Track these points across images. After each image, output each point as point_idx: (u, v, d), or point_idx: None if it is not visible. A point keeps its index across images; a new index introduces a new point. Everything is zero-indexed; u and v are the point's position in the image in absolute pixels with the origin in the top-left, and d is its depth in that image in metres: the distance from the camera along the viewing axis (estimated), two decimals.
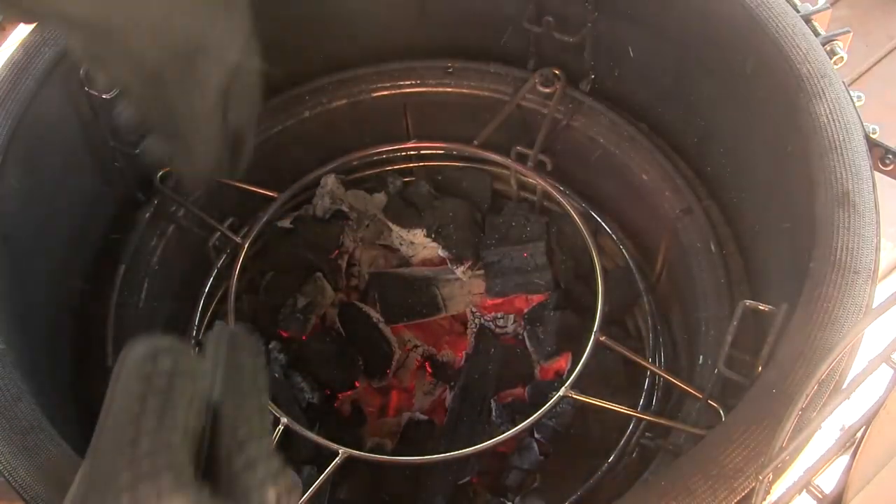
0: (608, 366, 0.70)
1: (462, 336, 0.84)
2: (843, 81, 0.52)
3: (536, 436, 0.70)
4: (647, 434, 0.63)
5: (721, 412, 0.54)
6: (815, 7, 0.57)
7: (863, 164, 0.49)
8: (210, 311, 0.75)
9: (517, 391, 0.76)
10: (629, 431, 0.64)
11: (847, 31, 0.56)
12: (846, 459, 0.40)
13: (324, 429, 0.71)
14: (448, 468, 0.67)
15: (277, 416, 0.62)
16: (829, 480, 0.39)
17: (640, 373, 0.69)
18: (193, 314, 0.72)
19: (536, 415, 0.61)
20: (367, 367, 0.77)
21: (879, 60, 1.25)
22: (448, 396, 0.77)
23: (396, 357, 0.77)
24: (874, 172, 0.50)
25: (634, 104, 0.73)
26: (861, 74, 1.23)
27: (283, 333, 0.79)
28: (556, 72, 0.73)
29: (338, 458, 0.59)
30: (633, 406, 0.66)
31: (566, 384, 0.61)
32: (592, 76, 0.73)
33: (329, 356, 0.77)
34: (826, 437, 0.39)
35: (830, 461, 0.39)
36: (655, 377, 0.67)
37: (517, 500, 0.67)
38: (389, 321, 0.82)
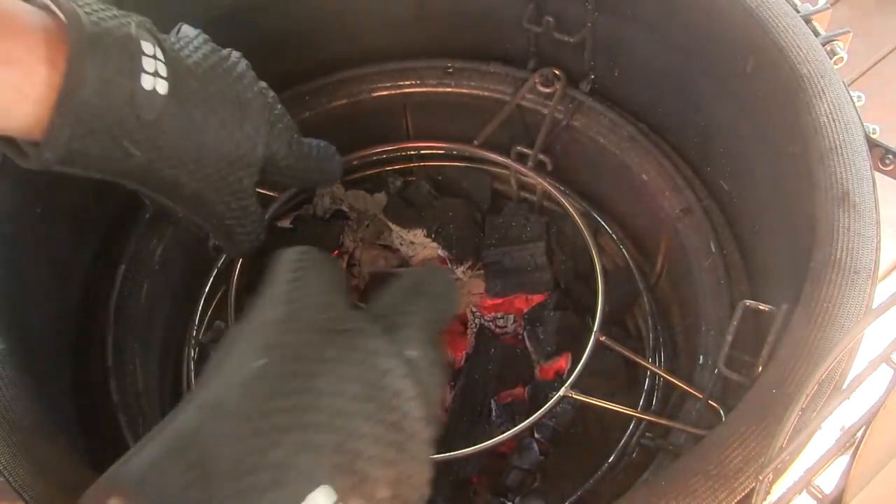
0: (608, 366, 0.70)
1: (462, 336, 0.84)
2: (844, 81, 0.52)
3: (536, 436, 0.70)
4: (647, 434, 0.63)
5: (721, 412, 0.54)
6: (815, 7, 0.57)
7: (863, 164, 0.49)
8: (210, 311, 0.75)
9: (517, 391, 0.76)
10: (629, 431, 0.64)
11: (847, 31, 0.56)
12: (846, 460, 0.40)
13: None
14: (448, 468, 0.67)
15: None
16: (829, 480, 0.39)
17: (641, 373, 0.69)
18: (193, 314, 0.72)
19: (536, 415, 0.61)
20: None
21: (879, 60, 1.25)
22: (448, 396, 0.77)
23: None
24: (874, 172, 0.49)
25: (634, 104, 0.73)
26: (861, 74, 1.23)
27: None
28: (557, 72, 0.73)
29: None
30: (633, 406, 0.66)
31: (566, 384, 0.61)
32: (592, 76, 0.73)
33: None
34: (826, 438, 0.39)
35: (830, 461, 0.39)
36: (655, 377, 0.67)
37: (517, 500, 0.67)
38: None
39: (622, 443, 0.64)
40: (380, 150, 0.80)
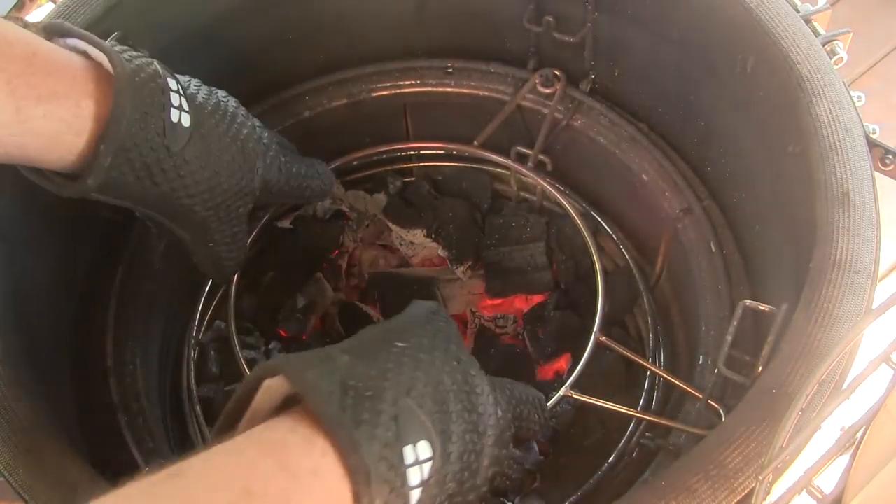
0: (608, 366, 0.70)
1: (462, 336, 0.84)
2: (844, 81, 0.52)
3: None
4: (647, 434, 0.63)
5: (721, 412, 0.54)
6: (815, 7, 0.57)
7: (863, 165, 0.49)
8: (210, 311, 0.75)
9: None
10: (629, 431, 0.64)
11: (847, 32, 0.56)
12: (846, 460, 0.40)
13: None
14: None
15: None
16: (829, 481, 0.39)
17: (640, 373, 0.69)
18: (193, 314, 0.72)
19: None
20: None
21: (879, 60, 1.25)
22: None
23: None
24: (874, 172, 0.50)
25: (634, 104, 0.73)
26: (861, 74, 1.23)
27: (283, 333, 0.79)
28: (557, 72, 0.73)
29: None
30: (633, 406, 0.66)
31: (566, 384, 0.61)
32: (592, 76, 0.73)
33: None
34: (826, 438, 0.39)
35: (830, 461, 0.39)
36: (655, 377, 0.67)
37: (517, 501, 0.67)
38: None
39: (622, 443, 0.64)
40: (380, 150, 0.80)
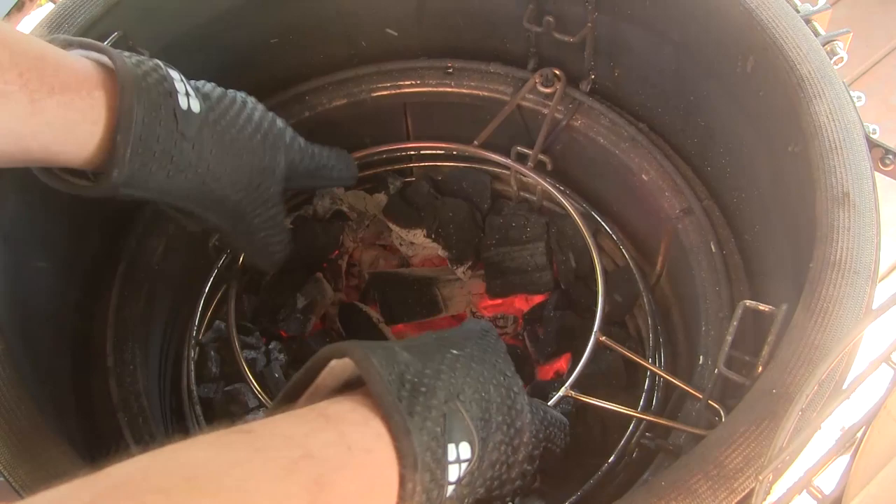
0: (608, 366, 0.70)
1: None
2: (843, 81, 0.52)
3: None
4: (647, 434, 0.63)
5: (721, 412, 0.54)
6: (815, 7, 0.57)
7: (863, 165, 0.49)
8: (210, 311, 0.75)
9: None
10: (629, 431, 0.64)
11: (847, 32, 0.56)
12: (846, 460, 0.40)
13: None
14: None
15: None
16: (830, 481, 0.39)
17: (641, 373, 0.69)
18: (193, 314, 0.72)
19: None
20: None
21: (879, 60, 1.25)
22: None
23: None
24: (874, 172, 0.50)
25: (634, 104, 0.73)
26: (861, 74, 1.23)
27: (283, 333, 0.79)
28: (557, 72, 0.73)
29: None
30: (634, 406, 0.66)
31: (566, 384, 0.61)
32: (592, 76, 0.73)
33: None
34: (826, 438, 0.39)
35: (830, 461, 0.39)
36: (655, 377, 0.67)
37: (517, 501, 0.67)
38: (389, 321, 0.82)
39: (622, 443, 0.64)
40: (380, 150, 0.80)
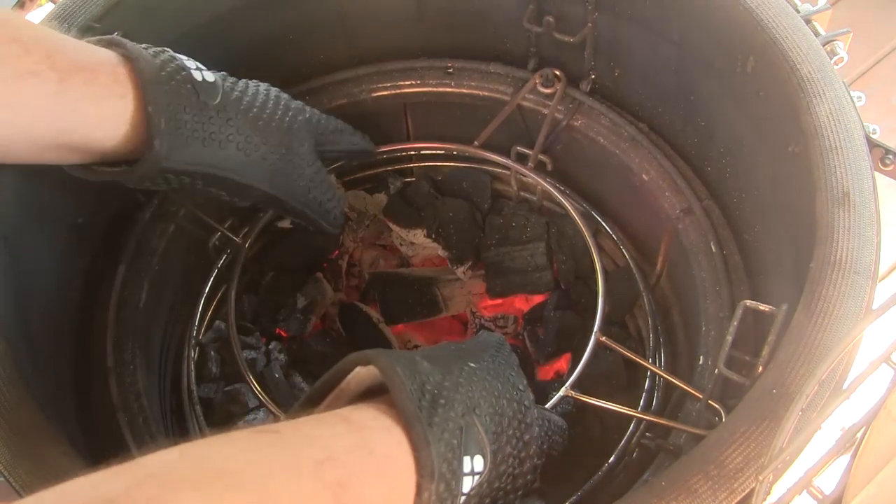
0: (608, 367, 0.70)
1: (462, 336, 0.84)
2: (844, 82, 0.52)
3: None
4: (647, 434, 0.63)
5: (721, 412, 0.54)
6: (816, 7, 0.57)
7: (863, 165, 0.49)
8: (210, 311, 0.75)
9: None
10: (629, 432, 0.64)
11: (847, 32, 0.56)
12: (846, 460, 0.40)
13: None
14: None
15: (277, 416, 0.62)
16: (830, 481, 0.39)
17: (641, 373, 0.69)
18: (193, 314, 0.72)
19: None
20: None
21: (879, 60, 1.25)
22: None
23: None
24: (874, 172, 0.50)
25: (634, 104, 0.73)
26: (861, 74, 1.23)
27: (283, 333, 0.79)
28: (557, 72, 0.73)
29: None
30: (633, 407, 0.66)
31: (566, 384, 0.60)
32: (592, 76, 0.73)
33: (329, 356, 0.77)
34: (826, 438, 0.39)
35: (830, 462, 0.39)
36: (655, 378, 0.67)
37: (517, 500, 0.67)
38: (389, 321, 0.82)
39: (622, 443, 0.64)
40: (380, 151, 0.80)
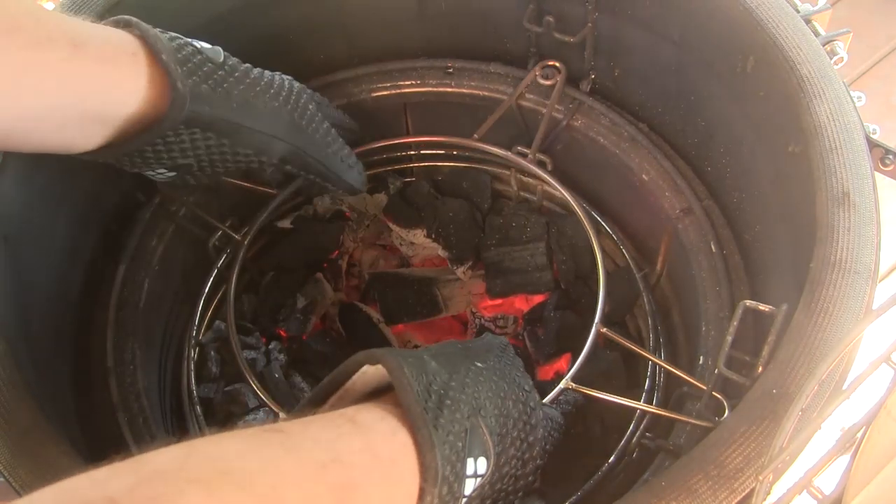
0: (608, 365, 0.70)
1: (462, 336, 0.84)
2: (844, 82, 0.52)
3: None
4: (648, 434, 0.63)
5: (725, 404, 0.54)
6: (816, 7, 0.57)
7: (863, 165, 0.49)
8: (210, 311, 0.75)
9: None
10: (629, 431, 0.64)
11: (847, 32, 0.56)
12: (846, 460, 0.40)
13: None
14: None
15: (277, 416, 0.62)
16: (830, 481, 0.39)
17: (641, 373, 0.69)
18: (193, 314, 0.72)
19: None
20: None
21: (879, 60, 1.25)
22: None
23: None
24: (874, 172, 0.50)
25: (634, 104, 0.73)
26: (861, 74, 1.23)
27: (283, 333, 0.79)
28: (557, 65, 0.73)
29: None
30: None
31: (567, 376, 0.59)
32: (592, 76, 0.73)
33: (329, 356, 0.77)
34: (826, 438, 0.39)
35: (830, 462, 0.39)
36: (656, 377, 0.67)
37: (517, 500, 0.67)
38: (389, 321, 0.82)
39: (622, 443, 0.64)
40: (379, 146, 0.79)
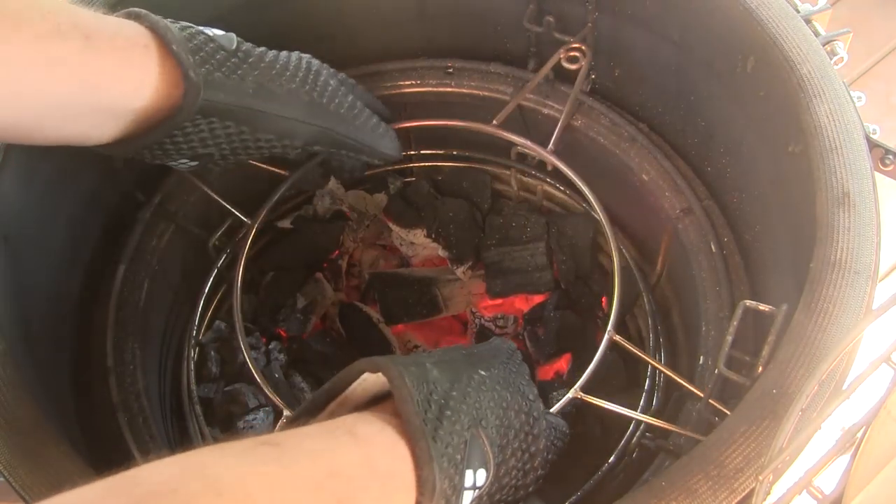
0: (608, 367, 0.70)
1: (462, 336, 0.84)
2: (844, 81, 0.52)
3: None
4: (648, 434, 0.63)
5: (723, 411, 0.54)
6: (816, 7, 0.57)
7: (863, 165, 0.49)
8: (210, 311, 0.75)
9: None
10: (629, 432, 0.64)
11: (847, 32, 0.56)
12: (846, 460, 0.40)
13: None
14: None
15: (279, 415, 0.61)
16: (830, 481, 0.39)
17: (641, 374, 0.69)
18: (193, 314, 0.72)
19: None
20: None
21: (879, 60, 1.25)
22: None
23: None
24: (874, 172, 0.50)
25: (634, 104, 0.73)
26: (861, 74, 1.23)
27: (283, 333, 0.79)
28: (583, 47, 0.70)
29: None
30: (633, 407, 0.66)
31: (576, 386, 0.58)
32: (592, 76, 0.73)
33: (329, 356, 0.77)
34: (826, 438, 0.39)
35: (830, 462, 0.39)
36: (655, 378, 0.67)
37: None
38: (389, 321, 0.82)
39: (622, 443, 0.64)
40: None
